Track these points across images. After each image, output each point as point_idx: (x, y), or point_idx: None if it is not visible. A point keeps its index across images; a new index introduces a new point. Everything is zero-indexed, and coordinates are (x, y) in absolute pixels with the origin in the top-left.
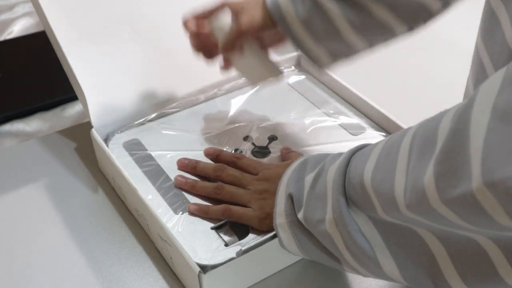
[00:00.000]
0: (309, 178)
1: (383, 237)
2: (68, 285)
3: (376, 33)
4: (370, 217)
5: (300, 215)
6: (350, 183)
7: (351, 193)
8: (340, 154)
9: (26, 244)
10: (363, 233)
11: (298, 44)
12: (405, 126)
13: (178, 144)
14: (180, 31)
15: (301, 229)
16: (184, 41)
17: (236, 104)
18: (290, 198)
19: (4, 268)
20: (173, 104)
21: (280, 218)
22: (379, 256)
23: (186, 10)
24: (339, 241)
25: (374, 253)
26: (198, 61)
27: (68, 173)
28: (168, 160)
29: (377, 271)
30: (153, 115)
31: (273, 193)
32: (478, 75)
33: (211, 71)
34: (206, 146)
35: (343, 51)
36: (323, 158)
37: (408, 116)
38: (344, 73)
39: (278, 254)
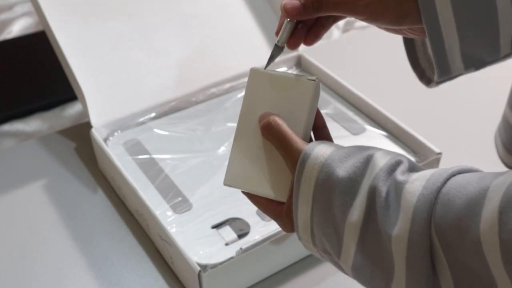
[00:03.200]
0: (352, 221)
1: None
2: (68, 285)
3: None
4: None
5: (341, 263)
6: (446, 241)
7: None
8: (386, 173)
9: (26, 244)
10: None
11: (434, 36)
12: (405, 125)
13: (178, 143)
14: (179, 31)
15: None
16: (183, 41)
17: (235, 103)
18: (320, 241)
19: (3, 267)
20: (173, 104)
21: (306, 243)
22: None
23: (185, 10)
24: None
25: None
26: (197, 61)
27: (68, 173)
28: (167, 160)
29: None
30: (153, 115)
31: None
32: None
33: (210, 71)
34: (206, 145)
35: (482, 55)
36: (359, 180)
37: (408, 115)
38: (344, 73)
39: (278, 253)
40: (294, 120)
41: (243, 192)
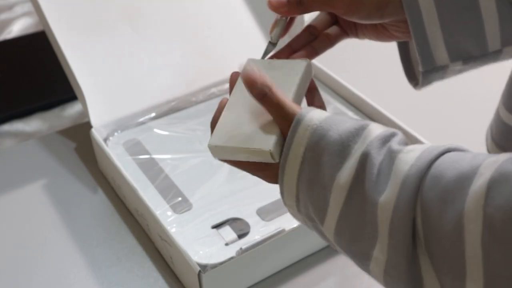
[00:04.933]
0: (340, 183)
1: None
2: (68, 285)
3: None
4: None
5: (324, 228)
6: (430, 222)
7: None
8: (381, 142)
9: (26, 244)
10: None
11: (417, 31)
12: (405, 125)
13: (178, 143)
14: (179, 31)
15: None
16: (183, 41)
17: None
18: (304, 204)
19: (3, 267)
20: (173, 104)
21: (291, 209)
22: None
23: (185, 10)
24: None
25: None
26: (197, 61)
27: (68, 173)
28: (167, 160)
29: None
30: (153, 115)
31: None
32: None
33: (210, 71)
34: (206, 145)
35: (468, 47)
36: (348, 145)
37: (408, 115)
38: (344, 73)
39: (278, 253)
40: (284, 91)
41: (225, 161)
